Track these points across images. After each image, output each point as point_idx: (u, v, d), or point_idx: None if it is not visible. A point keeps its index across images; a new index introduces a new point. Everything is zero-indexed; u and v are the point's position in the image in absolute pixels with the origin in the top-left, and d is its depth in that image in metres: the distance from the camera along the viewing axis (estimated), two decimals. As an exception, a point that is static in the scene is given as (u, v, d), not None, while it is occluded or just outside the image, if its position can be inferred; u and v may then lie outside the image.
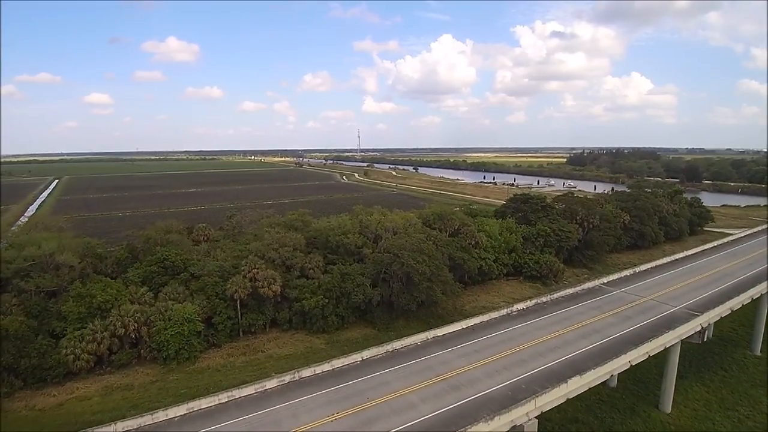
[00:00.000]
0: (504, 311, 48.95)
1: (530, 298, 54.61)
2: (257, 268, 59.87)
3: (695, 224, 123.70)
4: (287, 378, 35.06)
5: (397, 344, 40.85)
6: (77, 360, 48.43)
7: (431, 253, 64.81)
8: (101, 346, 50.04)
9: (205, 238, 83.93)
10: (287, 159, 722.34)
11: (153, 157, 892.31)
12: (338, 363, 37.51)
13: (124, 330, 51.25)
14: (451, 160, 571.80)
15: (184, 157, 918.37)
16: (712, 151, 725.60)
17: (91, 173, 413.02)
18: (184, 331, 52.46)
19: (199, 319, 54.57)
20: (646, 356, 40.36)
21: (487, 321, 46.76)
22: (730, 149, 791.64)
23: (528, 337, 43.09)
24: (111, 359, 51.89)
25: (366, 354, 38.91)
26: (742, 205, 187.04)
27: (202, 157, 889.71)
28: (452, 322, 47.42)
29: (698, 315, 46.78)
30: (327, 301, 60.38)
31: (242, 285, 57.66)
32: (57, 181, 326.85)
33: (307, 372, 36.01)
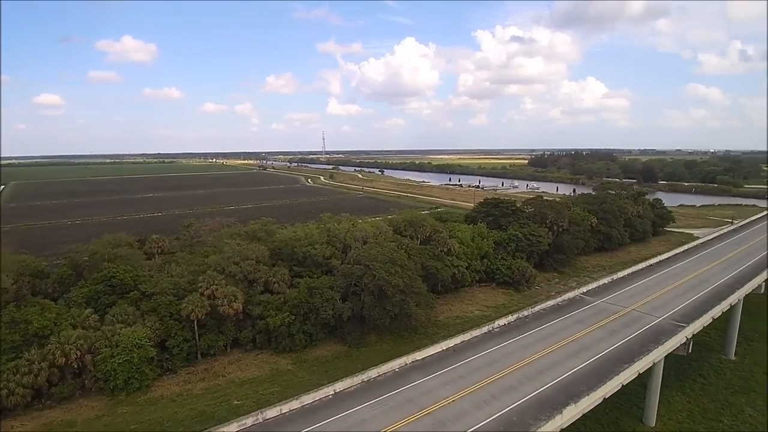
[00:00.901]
0: (485, 328, 45.89)
1: (511, 312, 51.94)
2: (216, 284, 55.11)
3: (657, 225, 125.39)
4: (249, 421, 30.58)
5: (373, 372, 37.00)
6: (11, 395, 42.90)
7: (404, 263, 61.49)
8: (39, 378, 44.41)
9: (160, 251, 77.84)
10: (250, 162, 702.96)
11: (108, 161, 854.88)
12: (308, 399, 33.32)
13: (64, 359, 45.55)
14: (417, 162, 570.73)
15: (141, 160, 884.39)
16: (663, 152, 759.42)
17: (41, 178, 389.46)
18: (134, 359, 47.00)
19: (151, 343, 49.18)
20: (636, 374, 38.34)
21: (469, 341, 43.49)
22: (679, 150, 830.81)
23: (514, 358, 40.26)
24: (51, 392, 46.08)
25: (339, 386, 34.92)
26: (698, 205, 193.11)
27: (161, 160, 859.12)
28: (430, 340, 44.39)
29: (683, 326, 45.29)
30: (294, 317, 56.09)
31: (200, 304, 52.65)
32: (3, 187, 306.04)
33: (272, 412, 31.59)
